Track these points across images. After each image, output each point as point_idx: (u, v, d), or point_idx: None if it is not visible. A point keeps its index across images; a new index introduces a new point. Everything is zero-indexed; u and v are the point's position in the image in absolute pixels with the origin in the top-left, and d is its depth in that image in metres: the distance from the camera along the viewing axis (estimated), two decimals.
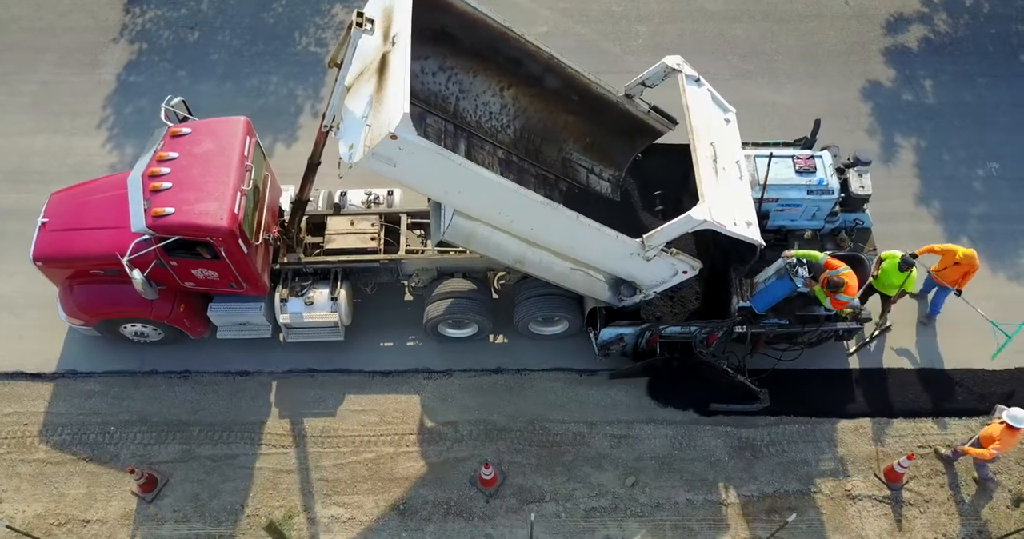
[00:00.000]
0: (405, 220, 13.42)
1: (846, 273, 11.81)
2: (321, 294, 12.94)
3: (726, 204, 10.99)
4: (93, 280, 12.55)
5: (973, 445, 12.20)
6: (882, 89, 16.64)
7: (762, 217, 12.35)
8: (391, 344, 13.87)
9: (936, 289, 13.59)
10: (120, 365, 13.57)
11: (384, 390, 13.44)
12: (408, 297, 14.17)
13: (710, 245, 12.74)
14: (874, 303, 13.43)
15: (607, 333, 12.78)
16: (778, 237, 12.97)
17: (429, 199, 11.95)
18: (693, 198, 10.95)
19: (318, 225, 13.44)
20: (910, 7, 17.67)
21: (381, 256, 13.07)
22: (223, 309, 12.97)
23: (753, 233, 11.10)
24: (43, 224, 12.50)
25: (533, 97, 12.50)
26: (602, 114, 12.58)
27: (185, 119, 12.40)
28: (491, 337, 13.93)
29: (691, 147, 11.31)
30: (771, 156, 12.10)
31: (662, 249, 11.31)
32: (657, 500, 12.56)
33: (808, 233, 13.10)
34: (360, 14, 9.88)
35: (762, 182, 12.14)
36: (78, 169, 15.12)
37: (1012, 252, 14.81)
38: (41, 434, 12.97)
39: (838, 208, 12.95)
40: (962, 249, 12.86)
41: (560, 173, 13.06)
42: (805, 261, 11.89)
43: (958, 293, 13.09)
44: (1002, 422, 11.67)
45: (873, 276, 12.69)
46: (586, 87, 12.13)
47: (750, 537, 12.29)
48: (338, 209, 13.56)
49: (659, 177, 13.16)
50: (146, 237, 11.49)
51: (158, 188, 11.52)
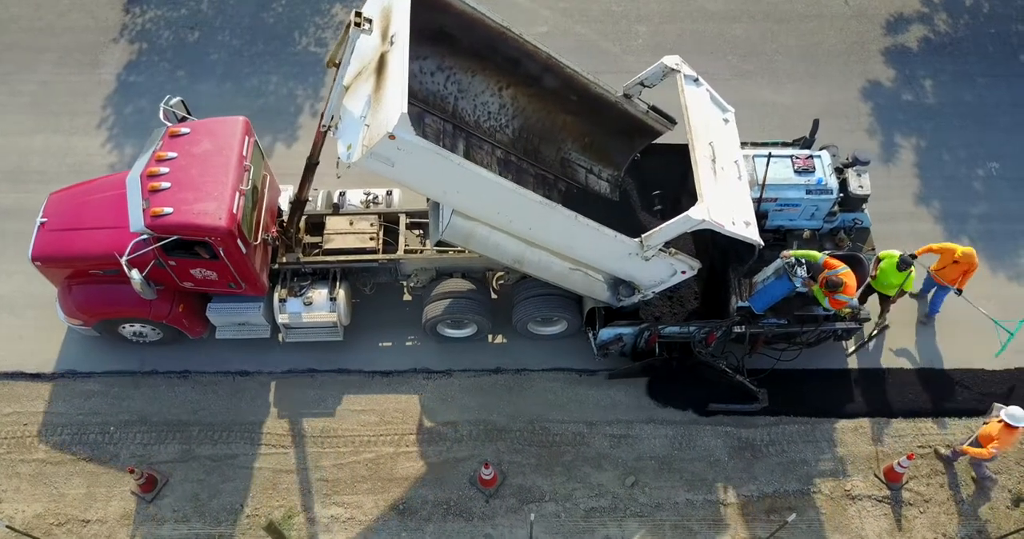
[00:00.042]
0: (404, 220, 13.43)
1: (845, 273, 11.80)
2: (320, 294, 12.95)
3: (725, 204, 10.97)
4: (92, 280, 12.55)
5: (972, 444, 12.18)
6: (882, 89, 16.63)
7: (761, 217, 12.37)
8: (390, 344, 13.87)
9: (935, 288, 13.58)
10: (120, 365, 13.58)
11: (384, 390, 13.44)
12: (407, 297, 14.17)
13: (709, 245, 12.71)
14: (873, 303, 13.42)
15: (606, 333, 12.78)
16: (777, 237, 12.99)
17: (428, 199, 11.94)
18: (692, 198, 10.94)
19: (317, 225, 13.44)
20: (910, 7, 17.66)
21: (380, 256, 13.08)
22: (222, 309, 12.97)
23: (752, 233, 11.09)
24: (42, 224, 12.50)
25: (532, 97, 12.49)
26: (601, 114, 12.56)
27: (184, 119, 12.41)
28: (490, 337, 13.92)
29: (690, 147, 11.30)
30: (770, 156, 12.11)
31: (661, 249, 11.29)
32: (657, 500, 12.55)
33: (807, 233, 13.11)
34: (358, 14, 9.87)
35: (761, 182, 12.15)
36: (77, 169, 15.14)
37: (1012, 252, 14.79)
38: (41, 434, 12.98)
39: (837, 208, 12.95)
40: (960, 247, 12.85)
41: (559, 173, 13.05)
42: (804, 261, 11.88)
43: (958, 292, 13.07)
44: (1000, 421, 11.64)
45: (872, 276, 12.68)
46: (585, 87, 12.11)
47: (750, 537, 12.29)
48: (337, 209, 13.56)
49: (658, 177, 13.15)
50: (144, 237, 11.48)
51: (157, 188, 11.52)
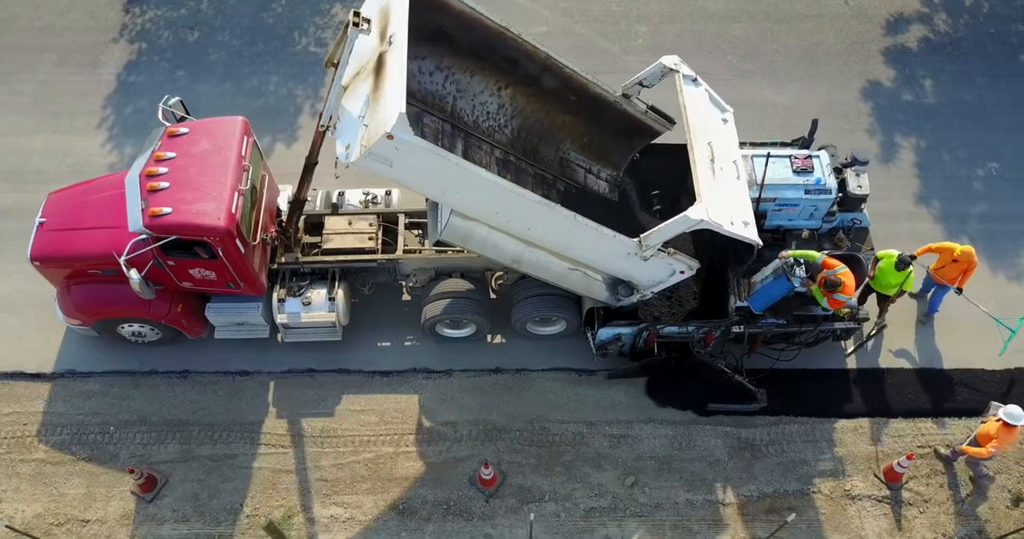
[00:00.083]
0: (403, 220, 13.42)
1: (843, 273, 11.79)
2: (319, 294, 12.94)
3: (723, 204, 10.97)
4: (91, 280, 12.56)
5: (971, 444, 12.16)
6: (882, 89, 16.62)
7: (760, 217, 12.38)
8: (389, 344, 13.87)
9: (935, 288, 13.56)
10: (119, 365, 13.58)
11: (383, 390, 13.44)
12: (406, 297, 14.17)
13: (708, 245, 12.71)
14: (872, 303, 13.42)
15: (605, 333, 12.77)
16: (776, 237, 12.97)
17: (427, 199, 11.94)
18: (691, 198, 10.94)
19: (316, 225, 13.44)
20: (910, 7, 17.65)
21: (379, 256, 13.08)
22: (221, 309, 12.97)
23: (750, 233, 11.09)
24: (40, 224, 12.51)
25: (530, 97, 12.49)
26: (600, 114, 12.55)
27: (183, 119, 12.41)
28: (489, 337, 13.92)
29: (688, 147, 11.29)
30: (768, 156, 12.10)
31: (659, 249, 11.29)
32: (656, 500, 12.54)
33: (806, 233, 13.09)
34: (357, 14, 9.86)
35: (760, 182, 12.14)
36: (77, 169, 15.15)
37: (1012, 252, 14.78)
38: (40, 434, 12.98)
39: (836, 208, 12.94)
40: (959, 246, 12.83)
41: (558, 173, 13.05)
42: (802, 261, 11.87)
43: (959, 291, 13.05)
44: (998, 420, 11.62)
45: (870, 276, 12.67)
46: (583, 87, 12.11)
47: (749, 537, 12.28)
48: (336, 209, 13.56)
49: (657, 177, 13.13)
50: (143, 237, 11.48)
51: (155, 188, 11.52)
